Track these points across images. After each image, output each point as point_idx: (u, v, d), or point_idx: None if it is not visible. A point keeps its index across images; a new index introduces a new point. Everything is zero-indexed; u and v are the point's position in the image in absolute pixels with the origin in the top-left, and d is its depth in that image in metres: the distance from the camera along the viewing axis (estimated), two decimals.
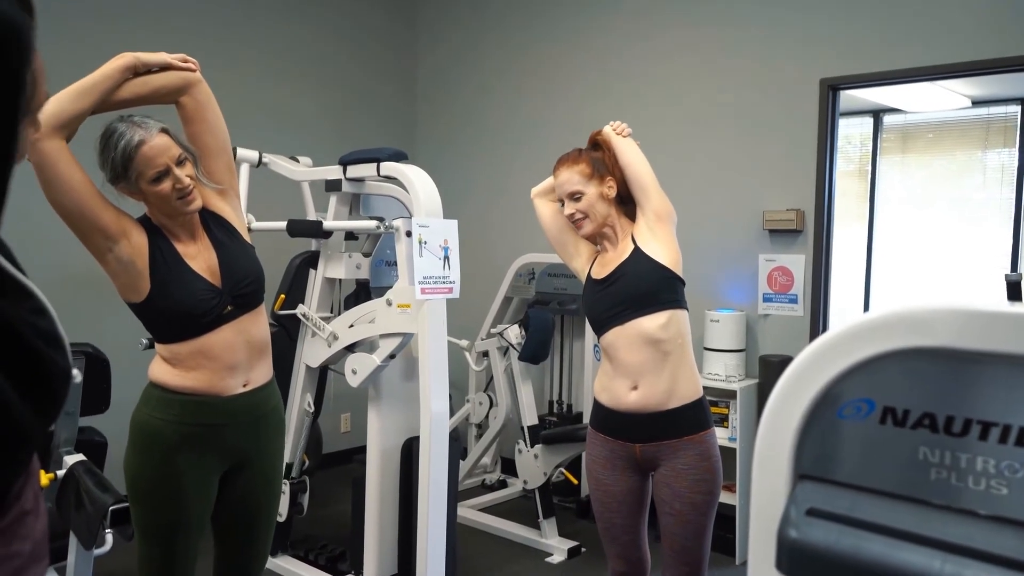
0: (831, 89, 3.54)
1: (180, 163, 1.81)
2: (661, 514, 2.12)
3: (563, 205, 2.20)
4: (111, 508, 2.14)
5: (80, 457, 2.37)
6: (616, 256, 2.16)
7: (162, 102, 1.89)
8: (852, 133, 5.33)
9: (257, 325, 1.98)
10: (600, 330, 2.16)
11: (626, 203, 2.20)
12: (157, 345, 1.92)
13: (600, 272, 2.18)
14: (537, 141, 4.64)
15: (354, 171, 2.97)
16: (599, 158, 2.17)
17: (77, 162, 1.74)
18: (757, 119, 3.74)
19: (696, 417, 2.09)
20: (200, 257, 1.91)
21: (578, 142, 4.45)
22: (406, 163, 2.86)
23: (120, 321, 3.74)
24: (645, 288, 2.08)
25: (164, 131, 1.81)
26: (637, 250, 2.12)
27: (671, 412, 2.06)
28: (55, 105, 1.68)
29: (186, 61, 1.89)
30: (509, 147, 4.81)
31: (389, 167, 2.86)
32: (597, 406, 2.19)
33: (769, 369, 3.57)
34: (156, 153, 1.77)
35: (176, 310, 1.84)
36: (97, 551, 2.20)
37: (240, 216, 2.03)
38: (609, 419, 2.15)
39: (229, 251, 1.94)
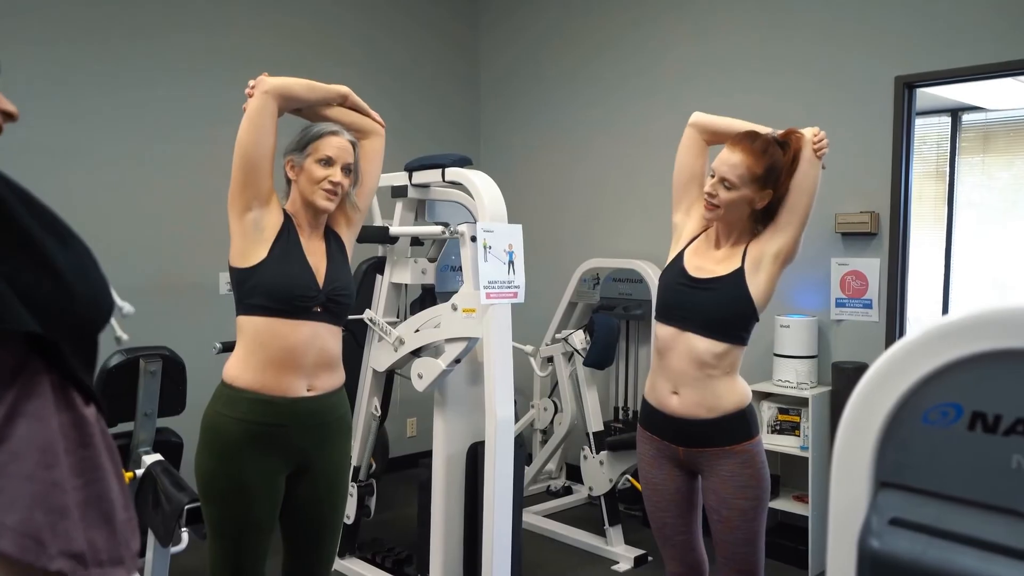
0: (907, 87, 3.43)
1: (345, 170, 2.02)
2: (711, 521, 2.09)
3: (712, 176, 2.03)
4: (186, 507, 2.20)
5: (157, 457, 2.45)
6: (718, 259, 2.07)
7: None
8: (928, 133, 5.15)
9: (332, 338, 2.04)
10: (661, 318, 2.12)
11: (762, 219, 2.06)
12: (241, 331, 1.98)
13: (695, 263, 2.09)
14: (601, 144, 4.61)
15: (419, 177, 3.01)
16: (776, 165, 1.99)
17: (275, 131, 1.97)
18: (828, 119, 3.63)
19: (739, 427, 2.04)
20: (315, 256, 2.03)
21: (642, 145, 4.40)
22: (470, 168, 2.87)
23: (195, 327, 3.87)
24: (723, 316, 2.02)
25: (354, 143, 2.07)
26: (740, 273, 2.02)
27: (713, 421, 2.03)
28: (290, 80, 2.01)
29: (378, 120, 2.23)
30: (573, 150, 4.79)
31: (454, 173, 2.88)
32: (645, 404, 2.18)
33: (843, 376, 3.46)
34: (336, 144, 2.01)
35: (276, 285, 1.92)
36: (174, 549, 2.26)
37: (351, 248, 2.19)
38: (654, 419, 2.13)
39: (337, 265, 2.07)
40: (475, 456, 2.90)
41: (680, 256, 2.14)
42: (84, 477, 0.73)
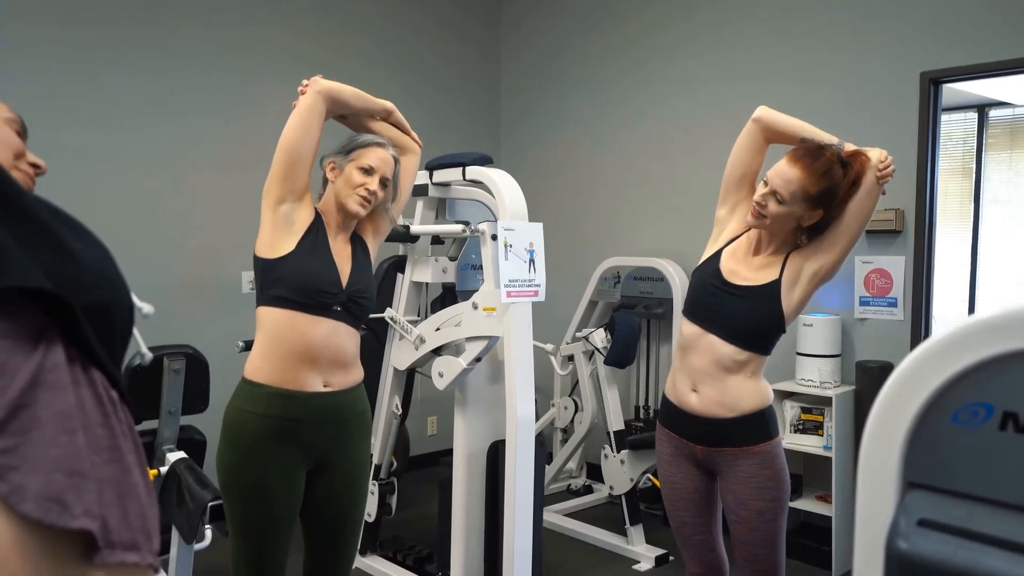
0: (932, 83, 3.38)
1: (382, 182, 2.08)
2: (730, 522, 2.08)
3: (765, 185, 1.95)
4: (209, 504, 2.22)
5: (181, 454, 2.47)
6: (755, 266, 2.03)
7: None
8: (953, 129, 5.08)
9: (350, 338, 2.06)
10: (688, 315, 2.09)
11: (807, 232, 2.00)
12: (261, 323, 1.99)
13: (731, 267, 2.05)
14: (622, 143, 4.60)
15: (440, 176, 3.01)
16: (836, 187, 1.90)
17: (320, 131, 2.06)
18: (852, 115, 3.60)
19: (758, 427, 2.02)
20: (340, 257, 2.06)
21: (664, 143, 4.37)
22: (491, 167, 2.87)
23: (218, 326, 3.90)
24: (752, 327, 1.99)
25: (396, 159, 2.15)
26: (777, 286, 1.98)
27: (731, 421, 2.01)
28: (342, 86, 2.09)
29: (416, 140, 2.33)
30: (593, 149, 4.78)
31: (475, 171, 2.87)
32: (665, 401, 2.17)
33: (867, 375, 3.42)
34: (380, 156, 2.09)
35: (300, 278, 1.95)
36: (197, 545, 2.28)
37: (374, 257, 2.25)
38: (673, 416, 2.11)
39: (361, 269, 2.11)
40: (495, 455, 2.90)
41: (717, 255, 2.10)
42: (102, 455, 0.73)
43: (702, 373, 2.03)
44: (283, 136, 1.99)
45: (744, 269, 2.04)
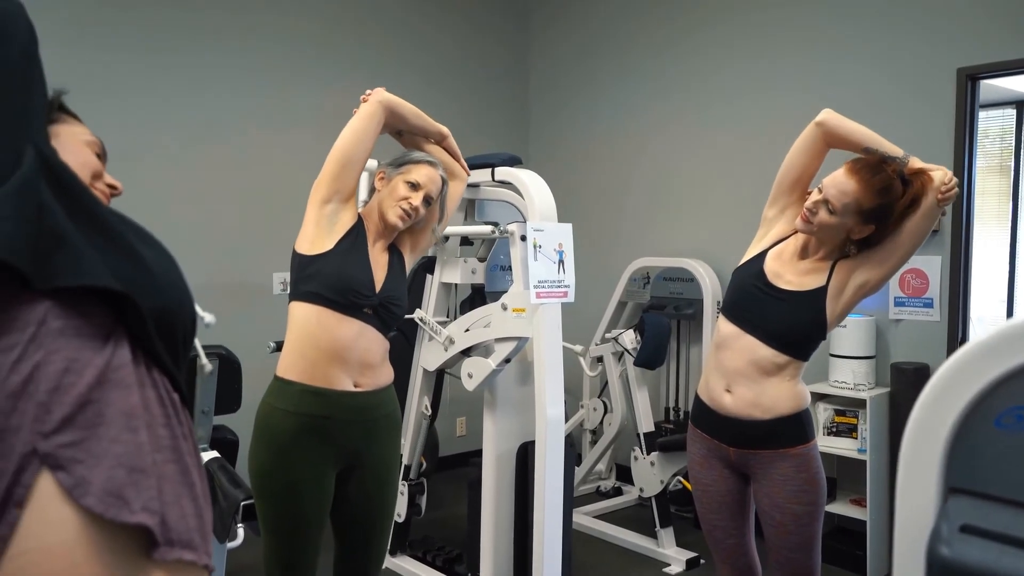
0: (970, 79, 3.32)
1: (426, 200, 2.12)
2: (763, 525, 2.04)
3: (819, 192, 1.90)
4: (242, 503, 2.23)
5: (215, 454, 2.49)
6: (801, 271, 1.99)
7: None
8: (991, 126, 4.98)
9: (378, 343, 2.07)
10: (727, 314, 2.06)
11: (857, 245, 1.95)
12: (292, 318, 2.02)
13: (775, 269, 2.01)
14: (652, 143, 4.57)
15: (469, 176, 3.00)
16: (888, 206, 1.85)
17: (375, 141, 2.12)
18: (886, 111, 3.54)
19: (794, 430, 1.98)
20: (377, 264, 2.09)
21: (695, 144, 4.34)
22: (520, 168, 2.87)
23: (250, 326, 3.94)
24: (792, 331, 1.96)
25: (444, 180, 2.20)
26: (822, 293, 1.94)
27: (766, 423, 1.97)
28: (403, 101, 2.16)
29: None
30: (623, 149, 4.76)
31: (504, 172, 2.87)
32: (697, 401, 2.14)
33: (902, 377, 3.37)
34: (429, 174, 2.13)
35: (334, 276, 1.97)
36: (230, 544, 2.29)
37: (408, 271, 2.28)
38: (706, 417, 2.09)
39: (396, 277, 2.13)
40: (525, 456, 2.90)
41: (761, 256, 2.06)
42: (163, 455, 0.76)
43: (737, 373, 2.00)
44: (340, 139, 2.06)
45: (789, 272, 2.00)
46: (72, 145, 0.86)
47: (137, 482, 0.70)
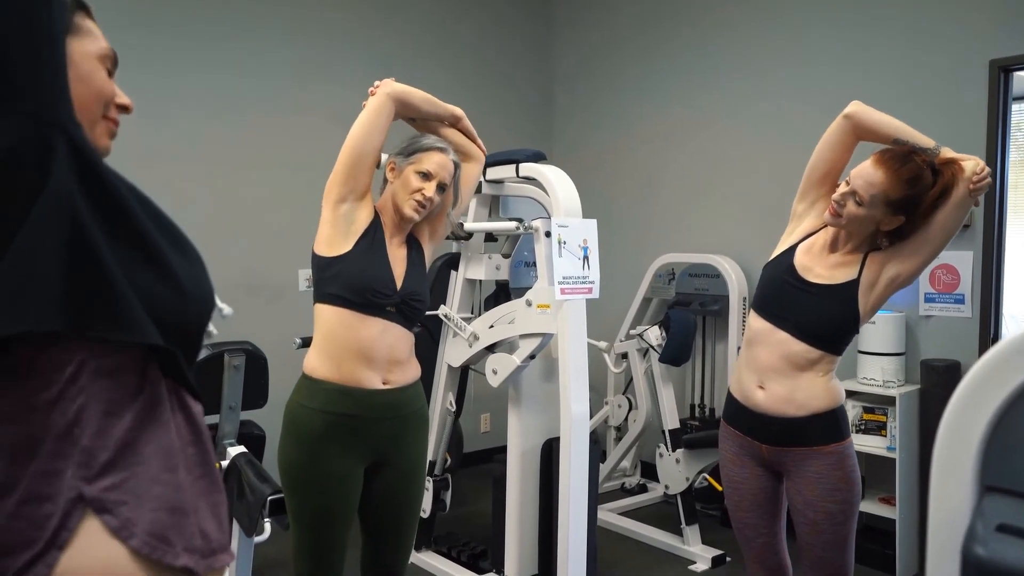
0: (1002, 71, 3.26)
1: (439, 188, 2.08)
2: (796, 524, 2.02)
3: (847, 183, 1.89)
4: (269, 498, 2.25)
5: (242, 449, 2.51)
6: (831, 264, 1.96)
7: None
8: (1023, 119, 4.89)
9: (403, 339, 2.07)
10: (758, 309, 2.04)
11: (887, 237, 1.92)
12: (317, 319, 2.03)
13: (805, 263, 1.99)
14: (678, 139, 4.54)
15: (493, 173, 3.01)
16: (921, 196, 1.82)
17: (386, 133, 2.06)
18: (916, 104, 3.48)
19: (829, 427, 1.95)
20: (396, 258, 2.07)
21: (720, 139, 4.30)
22: (544, 163, 2.86)
23: (276, 322, 3.97)
24: (825, 325, 1.93)
25: (457, 164, 2.14)
26: (854, 286, 1.91)
27: (800, 420, 1.95)
28: (412, 90, 2.10)
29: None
30: (646, 146, 4.73)
31: (528, 168, 2.87)
32: (729, 398, 2.12)
33: (933, 374, 3.32)
34: (439, 161, 2.08)
35: (354, 277, 1.97)
36: (257, 538, 2.31)
37: (429, 261, 2.24)
38: (738, 414, 2.06)
39: (416, 272, 2.11)
40: (549, 452, 2.89)
41: (791, 251, 2.04)
42: (195, 472, 0.78)
43: (770, 369, 1.97)
44: (349, 135, 2.01)
45: (819, 266, 1.98)
46: (85, 68, 0.82)
47: (179, 524, 0.74)
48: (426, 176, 2.05)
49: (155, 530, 0.71)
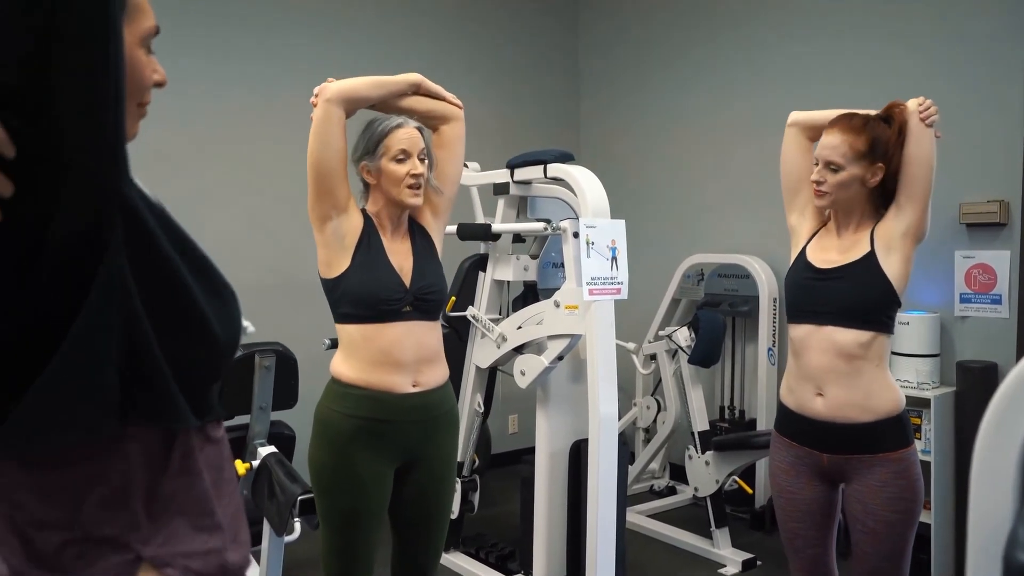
0: None
1: (421, 158, 2.00)
2: (853, 531, 1.96)
3: (816, 164, 1.97)
4: (299, 498, 2.27)
5: (272, 449, 2.54)
6: (844, 247, 1.97)
7: (426, 123, 2.10)
8: None
9: (429, 334, 2.05)
10: (794, 318, 2.01)
11: (881, 195, 1.97)
12: (339, 335, 2.03)
13: (820, 257, 2.00)
14: (704, 138, 4.51)
15: (521, 174, 3.01)
16: (882, 137, 1.91)
17: (345, 136, 1.96)
18: (951, 102, 3.41)
19: (895, 434, 1.90)
20: (399, 255, 2.03)
21: (748, 138, 4.27)
22: (572, 164, 2.85)
23: (305, 323, 3.99)
24: (862, 302, 1.90)
25: (419, 129, 2.03)
26: (872, 256, 1.92)
27: (866, 426, 1.89)
28: (352, 83, 1.96)
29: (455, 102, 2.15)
30: (674, 145, 4.70)
31: (556, 169, 2.86)
32: (782, 408, 2.07)
33: (969, 376, 3.26)
34: (407, 137, 1.98)
35: (362, 292, 1.95)
36: (287, 538, 2.34)
37: (440, 239, 2.17)
38: (794, 423, 2.01)
39: (424, 261, 2.06)
40: (578, 453, 2.88)
41: (803, 253, 2.05)
42: (222, 501, 0.84)
43: (825, 371, 1.92)
44: (308, 154, 1.94)
45: (832, 254, 1.98)
46: (128, 59, 0.76)
47: (223, 564, 0.80)
48: (404, 155, 1.97)
49: (198, 569, 0.79)
